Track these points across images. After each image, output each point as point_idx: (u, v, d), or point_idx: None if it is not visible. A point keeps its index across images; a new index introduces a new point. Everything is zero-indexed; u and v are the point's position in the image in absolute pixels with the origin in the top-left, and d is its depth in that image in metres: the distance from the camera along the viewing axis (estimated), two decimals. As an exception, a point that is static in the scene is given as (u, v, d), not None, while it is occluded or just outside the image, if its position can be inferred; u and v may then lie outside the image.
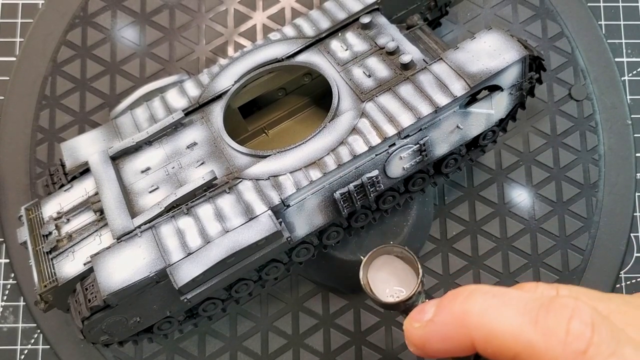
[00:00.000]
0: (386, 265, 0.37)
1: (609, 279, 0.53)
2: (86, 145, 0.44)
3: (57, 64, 0.55)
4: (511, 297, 0.26)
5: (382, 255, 0.37)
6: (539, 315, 0.25)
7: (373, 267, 0.36)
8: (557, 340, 0.24)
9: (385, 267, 0.36)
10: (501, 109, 0.44)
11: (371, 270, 0.36)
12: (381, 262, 0.37)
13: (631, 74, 0.58)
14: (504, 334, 0.25)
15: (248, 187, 0.39)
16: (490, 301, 0.26)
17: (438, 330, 0.28)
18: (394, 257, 0.37)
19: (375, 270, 0.36)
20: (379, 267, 0.36)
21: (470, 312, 0.27)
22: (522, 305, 0.26)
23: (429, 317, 0.29)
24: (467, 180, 0.54)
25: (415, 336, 0.29)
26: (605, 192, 0.54)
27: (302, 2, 0.57)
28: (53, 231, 0.40)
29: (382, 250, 0.36)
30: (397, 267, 0.36)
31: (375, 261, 0.37)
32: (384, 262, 0.37)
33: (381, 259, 0.37)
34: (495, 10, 0.57)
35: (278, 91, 0.48)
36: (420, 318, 0.29)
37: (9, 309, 0.53)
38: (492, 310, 0.26)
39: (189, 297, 0.37)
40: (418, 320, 0.29)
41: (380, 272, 0.36)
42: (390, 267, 0.36)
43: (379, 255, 0.37)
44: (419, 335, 0.29)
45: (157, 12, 0.57)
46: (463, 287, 0.28)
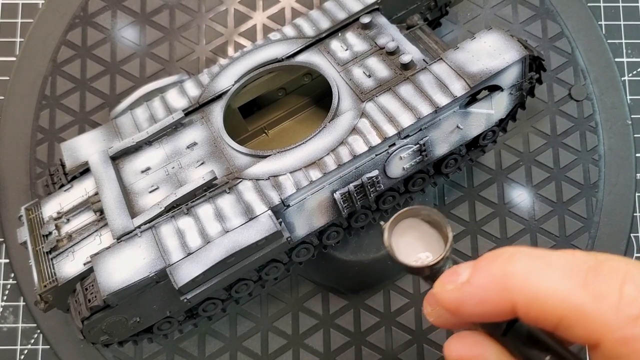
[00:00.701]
0: (411, 228, 0.34)
1: (609, 279, 0.53)
2: (86, 145, 0.44)
3: (57, 64, 0.55)
4: (557, 259, 0.25)
5: (408, 218, 0.34)
6: (588, 277, 0.24)
7: (397, 230, 0.33)
8: (609, 305, 0.23)
9: (411, 231, 0.34)
10: (501, 109, 0.44)
11: (395, 234, 0.33)
12: (406, 225, 0.34)
13: (631, 74, 0.58)
14: (549, 296, 0.24)
15: (248, 187, 0.39)
16: (534, 262, 0.25)
17: (475, 293, 0.26)
18: (420, 220, 0.34)
19: (400, 234, 0.33)
20: (404, 230, 0.34)
21: (512, 273, 0.25)
22: (569, 267, 0.24)
23: (463, 279, 0.27)
24: (467, 180, 0.54)
25: (448, 299, 0.27)
26: (605, 192, 0.54)
27: (302, 2, 0.57)
28: (53, 231, 0.40)
29: (408, 213, 0.33)
30: (423, 231, 0.34)
31: (399, 224, 0.34)
32: (409, 226, 0.34)
33: (406, 222, 0.34)
34: (495, 10, 0.57)
35: (278, 91, 0.48)
36: (454, 280, 0.27)
37: (9, 309, 0.53)
38: (537, 272, 0.25)
39: (189, 297, 0.37)
40: (452, 282, 0.27)
41: (404, 236, 0.33)
42: (415, 231, 0.34)
43: (404, 218, 0.34)
44: (453, 298, 0.27)
45: (157, 12, 0.57)
46: (502, 249, 0.27)
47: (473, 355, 0.27)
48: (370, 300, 0.51)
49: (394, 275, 0.51)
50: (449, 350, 0.28)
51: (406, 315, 0.51)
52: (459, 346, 0.28)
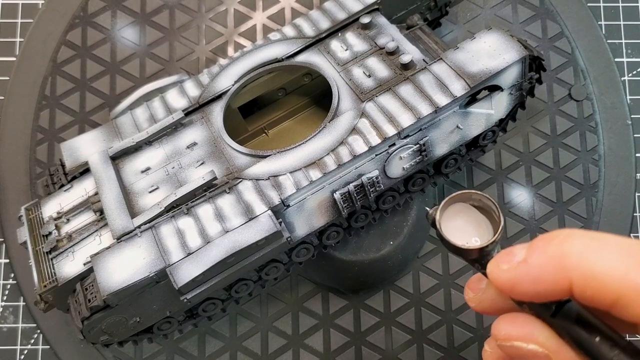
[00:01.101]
0: (461, 213, 0.34)
1: (609, 279, 0.53)
2: (86, 145, 0.44)
3: (57, 64, 0.55)
4: (612, 240, 0.25)
5: (458, 202, 0.34)
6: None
7: (447, 213, 0.34)
8: None
9: (461, 215, 0.34)
10: (501, 109, 0.44)
11: (445, 218, 0.33)
12: (456, 209, 0.34)
13: (631, 74, 0.58)
14: (607, 275, 0.24)
15: (248, 187, 0.39)
16: (591, 243, 0.26)
17: (531, 272, 0.27)
18: (469, 205, 0.34)
19: (449, 217, 0.34)
20: (454, 214, 0.34)
21: (569, 253, 0.26)
22: (625, 248, 0.25)
23: (519, 259, 0.28)
24: (467, 180, 0.54)
25: (503, 278, 0.28)
26: (605, 193, 0.54)
27: (302, 2, 0.57)
28: (53, 231, 0.40)
29: (458, 197, 0.34)
30: (472, 215, 0.34)
31: (450, 208, 0.34)
32: (459, 210, 0.34)
33: (456, 206, 0.34)
34: (495, 10, 0.57)
35: (278, 91, 0.48)
36: (510, 260, 0.28)
37: (9, 309, 0.53)
38: (594, 252, 0.25)
39: (189, 297, 0.37)
40: (507, 262, 0.28)
41: (454, 220, 0.34)
42: (465, 215, 0.34)
43: (454, 203, 0.34)
44: (508, 277, 0.28)
45: (157, 12, 0.57)
46: (557, 230, 0.27)
47: (522, 334, 0.28)
48: (370, 300, 0.51)
49: (394, 275, 0.51)
50: (497, 329, 0.29)
51: (406, 315, 0.51)
52: (509, 325, 0.29)
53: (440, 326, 0.51)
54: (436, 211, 0.33)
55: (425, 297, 0.52)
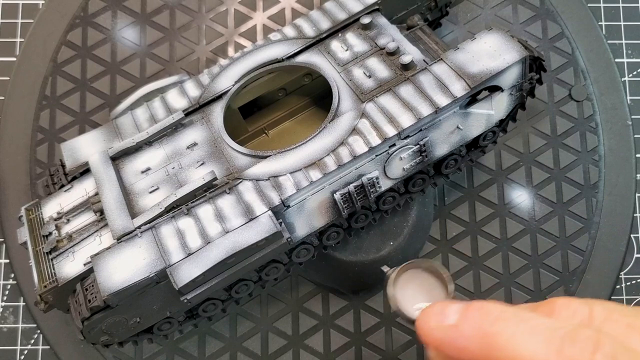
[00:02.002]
0: (413, 279, 0.36)
1: (609, 279, 0.53)
2: (86, 146, 0.44)
3: (57, 64, 0.55)
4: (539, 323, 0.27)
5: (410, 269, 0.36)
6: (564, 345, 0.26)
7: (399, 282, 0.36)
8: None
9: (412, 282, 0.36)
10: (501, 109, 0.44)
11: (397, 286, 0.36)
12: (408, 276, 0.36)
13: (631, 75, 0.58)
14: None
15: (248, 188, 0.39)
16: (519, 326, 0.27)
17: (459, 340, 0.28)
18: (421, 270, 0.36)
19: (402, 285, 0.36)
20: (406, 282, 0.36)
21: (499, 334, 0.27)
22: (548, 333, 0.26)
23: (451, 322, 0.29)
24: (467, 180, 0.54)
25: (431, 336, 0.30)
26: (605, 193, 0.54)
27: (303, 3, 0.57)
28: (53, 231, 0.40)
29: (410, 266, 0.36)
30: (424, 281, 0.36)
31: (402, 276, 0.36)
32: (411, 277, 0.36)
33: (408, 273, 0.36)
34: (496, 10, 0.57)
35: (278, 91, 0.48)
36: (441, 320, 0.29)
37: (9, 309, 0.53)
38: (521, 336, 0.27)
39: (189, 297, 0.37)
40: (437, 321, 0.30)
41: (407, 288, 0.36)
42: (417, 281, 0.36)
43: (406, 270, 0.36)
44: (437, 337, 0.29)
45: (157, 12, 0.57)
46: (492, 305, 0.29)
47: None
48: (370, 300, 0.51)
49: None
50: None
51: (406, 315, 0.51)
52: None
53: (441, 327, 0.51)
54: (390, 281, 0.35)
55: (425, 297, 0.52)
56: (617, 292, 0.54)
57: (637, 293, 0.54)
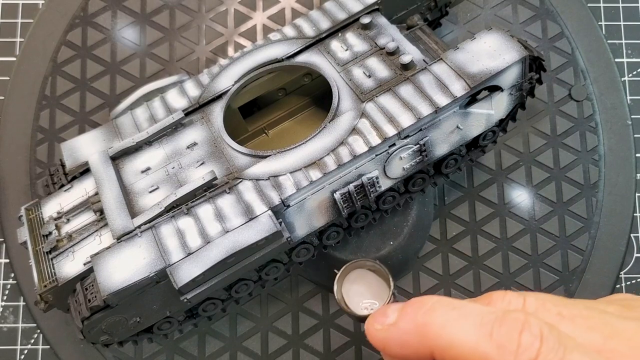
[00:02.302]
0: (360, 278, 0.38)
1: (609, 279, 0.53)
2: (86, 145, 0.44)
3: (57, 64, 0.55)
4: (470, 310, 0.28)
5: (356, 269, 0.38)
6: (493, 328, 0.27)
7: (347, 280, 0.38)
8: (509, 352, 0.26)
9: (359, 281, 0.38)
10: (501, 109, 0.44)
11: (345, 284, 0.38)
12: (355, 275, 0.38)
13: (631, 75, 0.58)
14: (462, 346, 0.27)
15: (248, 187, 0.39)
16: (451, 313, 0.28)
17: (399, 336, 0.30)
18: (366, 270, 0.38)
19: (350, 283, 0.38)
20: (353, 280, 0.38)
21: (432, 323, 0.28)
22: (479, 318, 0.27)
23: (390, 321, 0.30)
24: (467, 180, 0.54)
25: (376, 338, 0.31)
26: (605, 193, 0.54)
27: (302, 2, 0.57)
28: (53, 231, 0.40)
29: (356, 265, 0.38)
30: (370, 280, 0.38)
31: (349, 275, 0.38)
32: (358, 276, 0.38)
33: (355, 272, 0.38)
34: (496, 10, 0.57)
35: (278, 91, 0.48)
36: (383, 321, 0.31)
37: (9, 309, 0.53)
38: (452, 323, 0.28)
39: (189, 297, 0.37)
40: (380, 323, 0.31)
41: (354, 285, 0.38)
42: (363, 280, 0.38)
43: (352, 270, 0.38)
44: (380, 338, 0.31)
45: (157, 12, 0.57)
46: (427, 297, 0.30)
47: None
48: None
49: (394, 275, 0.51)
50: None
51: (406, 315, 0.51)
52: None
53: (440, 326, 0.51)
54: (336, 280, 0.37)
55: (425, 297, 0.52)
56: (616, 292, 0.54)
57: (637, 293, 0.54)
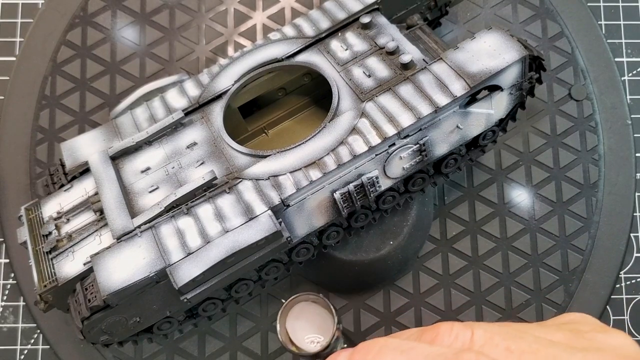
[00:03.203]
0: (304, 312, 0.38)
1: (608, 279, 0.53)
2: (86, 145, 0.44)
3: (57, 64, 0.55)
4: (419, 353, 0.28)
5: (299, 302, 0.38)
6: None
7: (291, 315, 0.38)
8: None
9: (303, 314, 0.38)
10: (501, 109, 0.44)
11: (289, 319, 0.38)
12: (299, 309, 0.38)
13: (631, 74, 0.58)
14: None
15: (248, 187, 0.39)
16: (398, 358, 0.28)
17: None
18: (310, 303, 0.38)
19: (294, 318, 0.38)
20: (297, 315, 0.38)
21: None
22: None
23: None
24: (467, 180, 0.54)
25: None
26: (605, 192, 0.54)
27: (302, 2, 0.57)
28: (53, 231, 0.40)
29: (299, 299, 0.38)
30: (314, 312, 0.38)
31: (292, 309, 0.38)
32: (302, 309, 0.38)
33: (298, 306, 0.38)
34: (495, 10, 0.57)
35: (278, 91, 0.48)
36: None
37: (9, 309, 0.53)
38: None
39: (189, 297, 0.37)
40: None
41: (298, 320, 0.38)
42: (307, 313, 0.38)
43: (295, 304, 0.38)
44: None
45: (157, 12, 0.57)
46: (374, 342, 0.30)
47: None
48: (370, 300, 0.51)
49: (394, 275, 0.51)
50: None
51: (406, 315, 0.51)
52: None
53: (440, 326, 0.51)
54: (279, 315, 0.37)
55: (425, 297, 0.52)
56: (616, 292, 0.54)
57: (636, 292, 0.54)
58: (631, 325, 0.54)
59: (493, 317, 0.51)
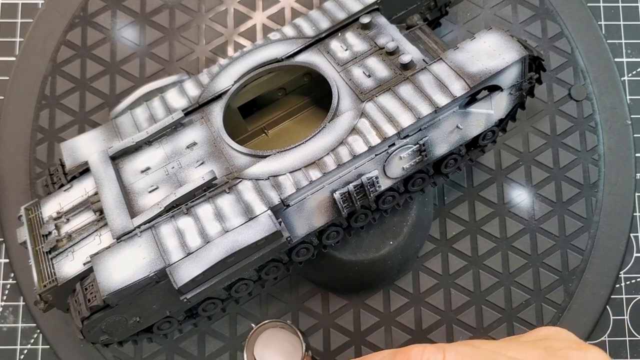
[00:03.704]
0: (272, 339, 0.38)
1: (608, 279, 0.53)
2: (86, 145, 0.44)
3: (57, 64, 0.55)
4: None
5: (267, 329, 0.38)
6: None
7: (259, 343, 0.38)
8: None
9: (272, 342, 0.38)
10: (501, 109, 0.44)
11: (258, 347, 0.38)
12: (267, 336, 0.38)
13: (631, 74, 0.58)
14: None
15: (248, 187, 0.39)
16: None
17: None
18: (278, 329, 0.38)
19: (262, 346, 0.38)
20: (265, 342, 0.38)
21: None
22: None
23: None
24: (466, 180, 0.54)
25: None
26: (605, 192, 0.54)
27: (302, 2, 0.57)
28: (53, 231, 0.40)
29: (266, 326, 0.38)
30: (282, 339, 0.38)
31: (260, 337, 0.38)
32: (270, 336, 0.38)
33: (267, 333, 0.38)
34: (495, 10, 0.57)
35: (278, 91, 0.48)
36: None
37: (9, 309, 0.53)
38: None
39: (189, 297, 0.37)
40: None
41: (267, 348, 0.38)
42: (276, 340, 0.38)
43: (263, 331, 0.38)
44: None
45: (157, 12, 0.57)
46: None
47: None
48: (370, 300, 0.51)
49: (393, 275, 0.51)
50: None
51: (406, 315, 0.51)
52: None
53: (440, 326, 0.51)
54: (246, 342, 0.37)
55: (425, 297, 0.52)
56: (616, 292, 0.54)
57: (636, 292, 0.54)
58: (631, 326, 0.54)
59: (493, 317, 0.51)
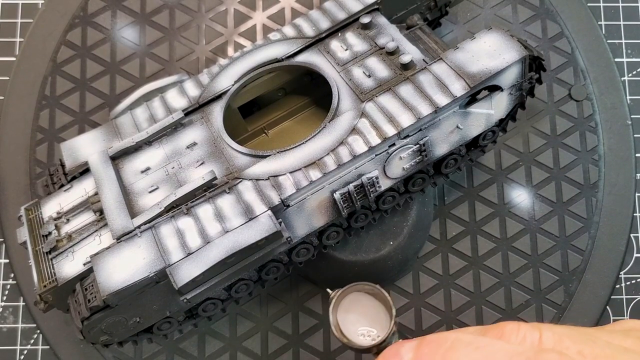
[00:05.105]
0: (355, 303, 0.36)
1: (608, 279, 0.53)
2: (86, 145, 0.44)
3: (57, 64, 0.55)
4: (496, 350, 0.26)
5: (352, 293, 0.36)
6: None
7: (342, 307, 0.35)
8: None
9: (355, 306, 0.35)
10: (501, 109, 0.44)
11: (340, 311, 0.35)
12: (350, 300, 0.36)
13: (631, 74, 0.58)
14: None
15: (248, 187, 0.39)
16: (474, 355, 0.26)
17: None
18: (363, 294, 0.36)
19: (345, 310, 0.35)
20: (348, 306, 0.35)
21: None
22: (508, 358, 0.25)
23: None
24: (467, 180, 0.54)
25: None
26: (605, 193, 0.54)
27: (302, 2, 0.57)
28: (53, 231, 0.40)
29: (352, 289, 0.36)
30: (366, 304, 0.35)
31: (344, 300, 0.36)
32: (353, 300, 0.36)
33: (350, 297, 0.36)
34: (495, 10, 0.57)
35: (278, 91, 0.48)
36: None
37: (9, 309, 0.53)
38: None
39: (189, 297, 0.37)
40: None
41: (349, 312, 0.35)
42: (359, 305, 0.36)
43: (347, 294, 0.36)
44: None
45: (157, 12, 0.57)
46: (444, 336, 0.28)
47: None
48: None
49: (394, 275, 0.51)
50: None
51: (406, 315, 0.51)
52: None
53: (441, 326, 0.51)
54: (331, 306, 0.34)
55: (425, 297, 0.52)
56: (616, 292, 0.54)
57: (636, 292, 0.54)
58: (631, 326, 0.54)
59: (493, 318, 0.51)
